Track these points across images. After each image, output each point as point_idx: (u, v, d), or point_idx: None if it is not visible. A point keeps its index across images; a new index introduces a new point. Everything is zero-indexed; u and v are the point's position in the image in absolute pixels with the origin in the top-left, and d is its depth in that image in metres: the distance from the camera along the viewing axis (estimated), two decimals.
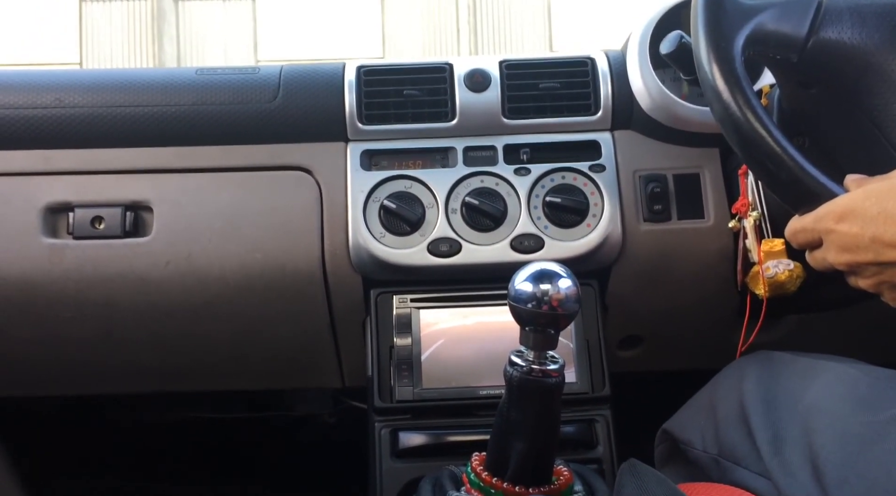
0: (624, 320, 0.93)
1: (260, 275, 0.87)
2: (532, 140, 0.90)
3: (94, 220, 0.87)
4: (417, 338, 0.85)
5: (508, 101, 0.90)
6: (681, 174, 0.88)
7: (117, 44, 8.83)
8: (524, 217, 0.86)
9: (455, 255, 0.85)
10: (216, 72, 0.91)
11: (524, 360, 0.53)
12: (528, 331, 0.53)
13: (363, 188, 0.86)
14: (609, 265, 0.88)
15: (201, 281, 0.87)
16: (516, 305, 0.52)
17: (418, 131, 0.90)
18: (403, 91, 0.90)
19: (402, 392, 0.84)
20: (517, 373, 0.52)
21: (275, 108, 0.88)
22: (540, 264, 0.53)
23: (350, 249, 0.86)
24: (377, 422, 0.84)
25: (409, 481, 0.81)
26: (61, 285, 0.86)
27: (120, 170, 0.88)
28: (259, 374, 1.01)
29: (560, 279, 0.52)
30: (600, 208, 0.86)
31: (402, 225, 0.86)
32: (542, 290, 0.51)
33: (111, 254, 0.87)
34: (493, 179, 0.87)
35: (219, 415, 1.33)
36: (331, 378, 0.99)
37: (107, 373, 0.98)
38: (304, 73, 0.91)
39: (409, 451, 0.83)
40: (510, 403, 0.54)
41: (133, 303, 0.88)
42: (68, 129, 0.87)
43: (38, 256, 0.86)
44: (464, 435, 0.83)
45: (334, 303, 0.89)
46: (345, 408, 1.25)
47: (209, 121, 0.88)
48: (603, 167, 0.88)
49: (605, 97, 0.90)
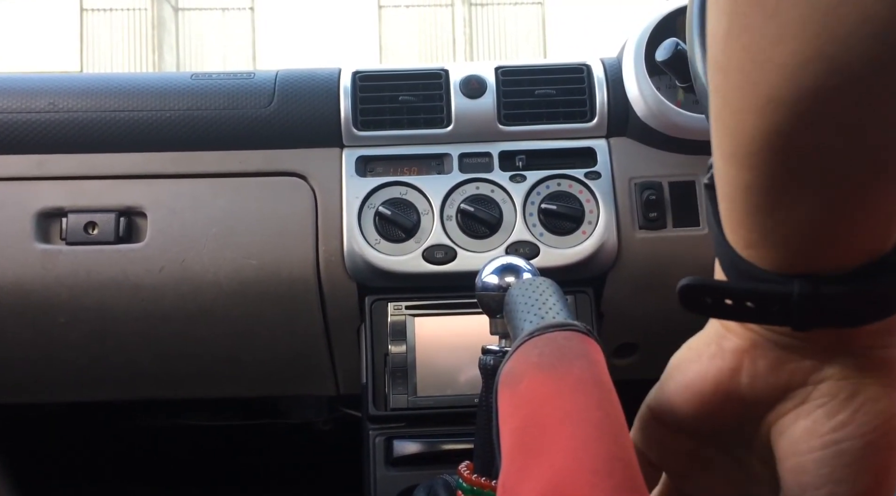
0: (619, 328, 0.93)
1: (254, 281, 0.86)
2: (527, 147, 0.89)
3: (87, 225, 0.86)
4: (412, 345, 0.84)
5: (504, 108, 0.90)
6: (676, 181, 0.88)
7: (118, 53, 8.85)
8: (519, 224, 0.86)
9: (450, 262, 0.85)
10: (211, 77, 0.91)
11: (497, 347, 0.54)
12: (497, 319, 0.54)
13: (358, 194, 0.86)
14: (604, 273, 0.88)
15: (196, 287, 0.86)
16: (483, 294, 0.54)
17: (414, 137, 0.89)
18: (399, 97, 0.90)
19: (397, 400, 0.83)
20: (492, 358, 0.53)
21: (270, 113, 0.88)
22: (503, 258, 0.55)
23: (345, 256, 0.86)
24: (371, 430, 0.84)
25: (403, 489, 0.80)
26: (54, 291, 0.86)
27: (114, 175, 0.87)
28: (253, 381, 1.01)
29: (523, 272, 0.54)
30: (596, 215, 0.86)
31: (397, 231, 0.85)
32: (506, 282, 0.53)
33: (105, 260, 0.86)
34: (489, 186, 0.87)
35: (213, 422, 1.32)
36: (325, 385, 0.98)
37: (100, 380, 0.97)
38: (299, 79, 0.91)
39: (403, 459, 0.82)
40: (488, 393, 0.54)
41: (127, 309, 0.87)
42: (62, 134, 0.87)
43: (31, 262, 0.86)
44: (458, 443, 0.82)
45: (329, 310, 0.89)
46: (339, 416, 1.24)
47: (204, 126, 0.88)
48: (598, 174, 0.88)
49: (601, 104, 0.90)
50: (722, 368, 0.34)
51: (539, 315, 0.41)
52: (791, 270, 0.30)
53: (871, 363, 0.31)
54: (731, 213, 0.30)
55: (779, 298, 0.30)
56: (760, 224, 0.29)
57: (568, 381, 0.33)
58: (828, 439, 0.31)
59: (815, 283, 0.29)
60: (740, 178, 0.29)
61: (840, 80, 0.24)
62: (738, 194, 0.29)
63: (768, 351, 0.32)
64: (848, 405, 0.31)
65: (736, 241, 0.31)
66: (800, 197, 0.27)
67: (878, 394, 0.31)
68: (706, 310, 0.32)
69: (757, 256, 0.30)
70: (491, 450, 0.54)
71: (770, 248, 0.30)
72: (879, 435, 0.31)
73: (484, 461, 0.55)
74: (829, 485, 0.31)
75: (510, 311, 0.45)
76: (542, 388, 0.34)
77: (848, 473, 0.31)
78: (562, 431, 0.31)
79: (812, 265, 0.29)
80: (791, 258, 0.29)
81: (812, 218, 0.28)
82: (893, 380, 0.31)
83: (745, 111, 0.26)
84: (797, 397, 0.32)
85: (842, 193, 0.27)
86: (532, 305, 0.42)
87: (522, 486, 0.31)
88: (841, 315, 0.30)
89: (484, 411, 0.54)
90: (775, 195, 0.28)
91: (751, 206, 0.29)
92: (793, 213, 0.28)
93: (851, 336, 0.31)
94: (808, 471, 0.32)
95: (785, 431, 0.33)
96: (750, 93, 0.26)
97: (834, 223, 0.28)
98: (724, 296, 0.31)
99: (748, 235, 0.30)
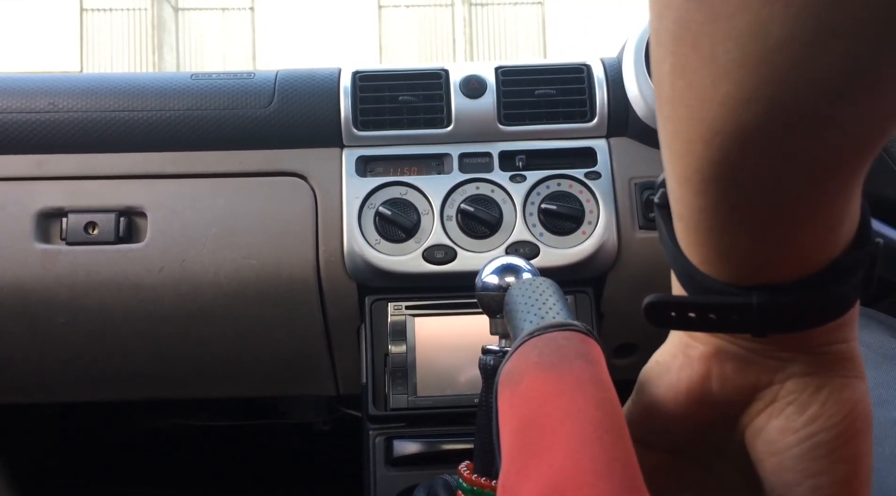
0: (619, 328, 0.93)
1: (255, 281, 0.86)
2: (528, 147, 0.89)
3: (87, 225, 0.86)
4: (412, 345, 0.84)
5: (504, 108, 0.90)
6: None
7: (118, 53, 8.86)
8: (519, 224, 0.86)
9: (450, 263, 0.85)
10: (211, 77, 0.91)
11: (497, 347, 0.54)
12: (497, 319, 0.54)
13: (358, 194, 0.86)
14: (605, 273, 0.88)
15: (196, 287, 0.86)
16: (483, 294, 0.54)
17: (414, 137, 0.89)
18: (399, 97, 0.90)
19: (397, 400, 0.83)
20: (492, 358, 0.53)
21: (270, 113, 0.88)
22: (503, 258, 0.55)
23: (345, 256, 0.86)
24: (371, 430, 0.84)
25: (403, 489, 0.80)
26: (54, 291, 0.86)
27: (114, 175, 0.87)
28: (253, 382, 1.01)
29: (523, 272, 0.54)
30: (596, 216, 0.86)
31: (397, 232, 0.85)
32: (506, 282, 0.53)
33: (104, 260, 0.86)
34: (489, 186, 0.87)
35: (213, 423, 1.32)
36: (325, 385, 0.98)
37: (100, 380, 0.97)
38: (299, 79, 0.91)
39: (403, 459, 0.82)
40: (488, 393, 0.54)
41: (127, 309, 0.87)
42: (62, 134, 0.87)
43: (31, 262, 0.86)
44: (459, 443, 0.82)
45: (329, 311, 0.89)
46: (339, 416, 1.24)
47: (204, 126, 0.88)
48: (598, 174, 0.88)
49: (601, 104, 0.90)
50: (692, 376, 0.35)
51: (539, 315, 0.41)
52: (748, 282, 0.31)
53: (832, 358, 0.32)
54: (687, 233, 0.32)
55: (738, 309, 0.31)
56: (716, 243, 0.31)
57: (568, 381, 0.33)
58: (802, 434, 0.32)
59: (772, 293, 0.30)
60: (693, 202, 0.30)
61: (779, 116, 0.25)
62: (692, 216, 0.31)
63: (733, 355, 0.34)
64: (816, 398, 0.32)
65: (692, 256, 0.32)
66: (751, 219, 0.29)
67: (842, 385, 0.32)
68: (671, 324, 0.34)
69: (714, 271, 0.32)
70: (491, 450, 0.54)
71: (726, 264, 0.31)
72: (849, 423, 0.32)
73: (484, 461, 0.55)
74: (809, 478, 0.32)
75: (510, 311, 0.45)
76: (542, 388, 0.34)
77: (825, 464, 0.32)
78: (562, 431, 0.31)
79: (767, 277, 0.31)
80: (747, 272, 0.31)
81: (764, 237, 0.29)
82: (852, 371, 0.33)
83: (695, 142, 0.28)
84: (766, 397, 0.34)
85: (790, 213, 0.28)
86: (532, 305, 0.42)
87: (522, 486, 0.31)
88: (798, 320, 0.31)
89: (484, 411, 0.54)
90: (727, 218, 0.29)
91: (705, 227, 0.30)
92: (745, 233, 0.29)
93: (810, 335, 0.32)
94: (787, 467, 0.33)
95: (760, 433, 0.34)
96: (697, 126, 0.27)
97: (785, 240, 0.29)
98: (687, 309, 0.32)
99: (705, 253, 0.31)
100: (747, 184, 0.28)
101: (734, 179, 0.28)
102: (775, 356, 0.33)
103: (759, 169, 0.27)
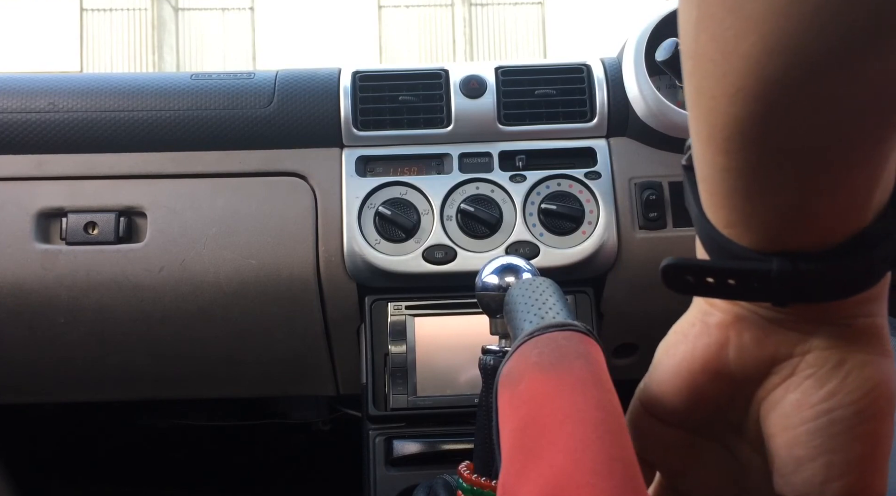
0: (619, 328, 0.93)
1: (254, 281, 0.86)
2: (527, 147, 0.89)
3: (87, 225, 0.86)
4: (412, 345, 0.84)
5: (504, 108, 0.90)
6: (676, 181, 0.88)
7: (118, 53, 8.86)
8: (519, 224, 0.86)
9: (450, 263, 0.85)
10: (211, 77, 0.91)
11: (497, 347, 0.54)
12: (497, 319, 0.54)
13: (358, 194, 0.86)
14: (604, 273, 0.88)
15: (196, 287, 0.86)
16: (483, 294, 0.54)
17: (414, 137, 0.89)
18: (399, 97, 0.90)
19: (397, 400, 0.83)
20: (492, 358, 0.53)
21: (270, 113, 0.88)
22: (503, 258, 0.55)
23: (345, 256, 0.86)
24: (371, 430, 0.84)
25: (403, 489, 0.80)
26: (54, 291, 0.86)
27: (113, 175, 0.87)
28: (253, 382, 1.01)
29: (523, 272, 0.54)
30: (596, 216, 0.86)
31: (397, 231, 0.85)
32: (506, 282, 0.53)
33: (104, 260, 0.86)
34: (489, 186, 0.87)
35: (213, 423, 1.32)
36: (325, 385, 0.98)
37: (100, 380, 0.97)
38: (299, 79, 0.91)
39: (403, 459, 0.82)
40: (488, 393, 0.54)
41: (126, 309, 0.87)
42: (62, 134, 0.87)
43: (31, 262, 0.86)
44: (458, 443, 0.82)
45: (329, 310, 0.89)
46: (339, 416, 1.24)
47: (204, 126, 0.88)
48: (598, 174, 0.88)
49: (601, 104, 0.90)
50: (709, 344, 0.34)
51: (539, 315, 0.41)
52: (771, 248, 0.30)
53: (855, 332, 0.31)
54: (711, 194, 0.31)
55: (758, 275, 0.30)
56: (739, 205, 0.30)
57: (568, 381, 0.33)
58: (819, 409, 0.31)
59: (794, 261, 0.29)
60: (718, 162, 0.29)
61: (802, 70, 0.24)
62: (716, 177, 0.30)
63: (753, 324, 0.33)
64: (836, 374, 0.31)
65: (716, 220, 0.32)
66: (776, 180, 0.28)
67: (864, 361, 0.31)
68: (688, 289, 0.32)
69: (737, 234, 0.31)
70: (491, 450, 0.54)
71: (749, 228, 0.30)
72: (869, 402, 0.31)
73: (484, 461, 0.55)
74: (823, 455, 0.31)
75: (510, 311, 0.45)
76: (541, 388, 0.34)
77: (841, 442, 0.31)
78: (562, 431, 0.31)
79: (791, 243, 0.30)
80: (770, 237, 0.30)
81: (789, 200, 0.28)
82: (878, 348, 0.31)
83: (718, 98, 0.27)
84: (785, 370, 0.32)
85: (815, 175, 0.27)
86: (532, 305, 0.42)
87: (522, 486, 0.31)
88: (819, 290, 0.30)
89: (484, 411, 0.54)
90: (752, 178, 0.28)
91: (729, 189, 0.29)
92: (770, 195, 0.29)
93: (834, 307, 0.31)
94: (801, 443, 0.32)
95: (776, 406, 0.33)
96: (720, 81, 0.27)
97: (810, 204, 0.28)
98: (705, 274, 0.31)
99: (728, 216, 0.31)
100: (770, 142, 0.27)
101: (757, 137, 0.27)
102: (796, 327, 0.32)
103: (782, 126, 0.26)
